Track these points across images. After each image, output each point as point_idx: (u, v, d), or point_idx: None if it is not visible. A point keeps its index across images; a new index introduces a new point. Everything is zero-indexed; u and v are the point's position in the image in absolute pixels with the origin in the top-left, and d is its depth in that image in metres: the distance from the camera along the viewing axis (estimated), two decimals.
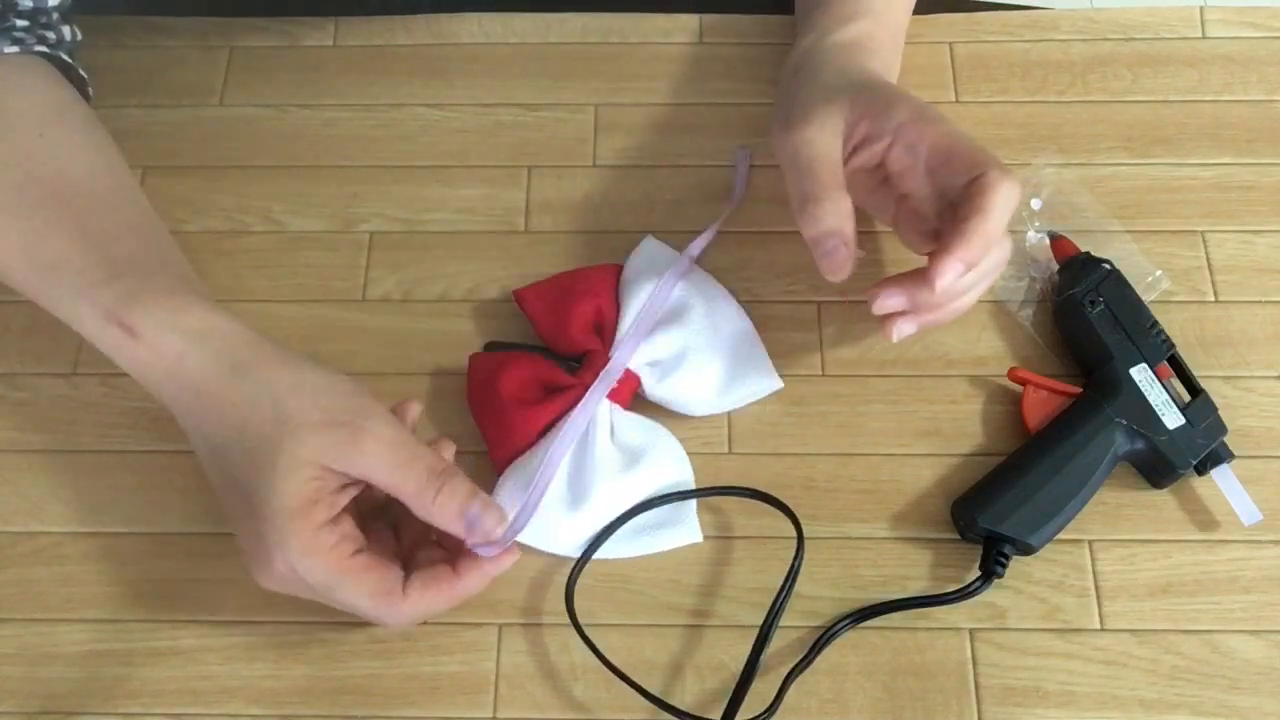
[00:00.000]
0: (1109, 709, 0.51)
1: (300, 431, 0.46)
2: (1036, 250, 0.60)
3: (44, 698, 0.52)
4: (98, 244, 0.52)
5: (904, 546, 0.55)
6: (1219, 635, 0.52)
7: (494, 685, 0.52)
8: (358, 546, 0.47)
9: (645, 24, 0.69)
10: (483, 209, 0.64)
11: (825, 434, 0.57)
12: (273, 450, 0.46)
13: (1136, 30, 0.68)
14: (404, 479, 0.47)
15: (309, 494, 0.46)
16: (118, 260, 0.51)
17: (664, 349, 0.57)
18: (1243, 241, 0.62)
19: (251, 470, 0.47)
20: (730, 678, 0.51)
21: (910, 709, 0.51)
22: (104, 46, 0.69)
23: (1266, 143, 0.64)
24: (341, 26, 0.70)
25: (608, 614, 0.53)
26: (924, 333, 0.59)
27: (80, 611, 0.54)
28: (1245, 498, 0.53)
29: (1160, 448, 0.54)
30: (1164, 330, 0.56)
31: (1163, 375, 0.55)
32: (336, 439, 0.46)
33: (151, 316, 0.49)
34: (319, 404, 0.47)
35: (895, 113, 0.53)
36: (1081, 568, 0.54)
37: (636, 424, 0.56)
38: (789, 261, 0.61)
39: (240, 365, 0.48)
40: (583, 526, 0.54)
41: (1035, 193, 0.62)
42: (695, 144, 0.65)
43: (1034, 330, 0.59)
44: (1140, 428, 0.54)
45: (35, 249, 0.52)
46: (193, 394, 0.49)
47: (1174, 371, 0.56)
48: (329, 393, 0.48)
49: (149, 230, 0.55)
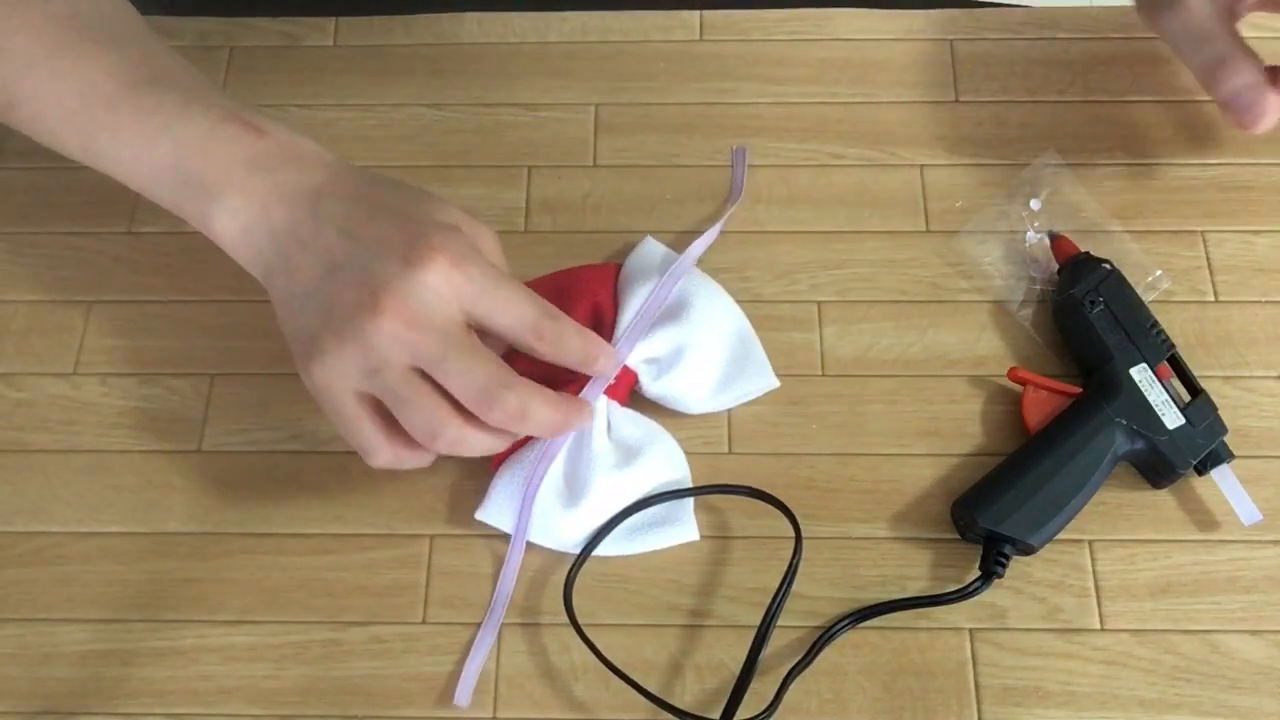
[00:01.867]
0: (1109, 709, 0.51)
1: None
2: (1036, 250, 0.60)
3: (44, 698, 0.52)
4: (187, 67, 0.53)
5: (904, 546, 0.55)
6: (1219, 635, 0.52)
7: (494, 685, 0.52)
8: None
9: (645, 22, 0.69)
10: (483, 209, 0.64)
11: (825, 434, 0.57)
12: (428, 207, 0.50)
13: (1137, 29, 0.68)
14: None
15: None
16: (210, 83, 0.53)
17: (662, 346, 0.57)
18: (1243, 241, 0.61)
19: (403, 201, 0.49)
20: (730, 677, 0.51)
21: (910, 709, 0.51)
22: None
23: (1266, 143, 0.64)
24: (341, 26, 0.70)
25: (607, 614, 0.53)
26: (924, 332, 0.59)
27: (80, 611, 0.54)
28: (1245, 498, 0.54)
29: (1160, 448, 0.54)
30: (1164, 330, 0.56)
31: (1163, 375, 0.55)
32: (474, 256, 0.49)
33: (272, 121, 0.51)
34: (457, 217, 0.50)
35: None
36: (1081, 568, 0.54)
37: (634, 420, 0.56)
38: (789, 261, 0.61)
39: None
40: (580, 522, 0.54)
41: (1035, 193, 0.62)
42: (695, 144, 0.65)
43: (1034, 330, 0.59)
44: (1140, 428, 0.54)
45: (133, 68, 0.51)
46: (327, 174, 0.50)
47: (1174, 372, 0.56)
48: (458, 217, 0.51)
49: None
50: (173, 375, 0.59)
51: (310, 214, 0.49)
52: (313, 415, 0.58)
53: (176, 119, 0.50)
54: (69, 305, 0.61)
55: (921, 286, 0.61)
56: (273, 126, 0.51)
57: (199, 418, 0.58)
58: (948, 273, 0.61)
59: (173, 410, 0.58)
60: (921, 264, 0.61)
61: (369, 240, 0.48)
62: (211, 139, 0.50)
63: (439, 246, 0.47)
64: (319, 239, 0.48)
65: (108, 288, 0.62)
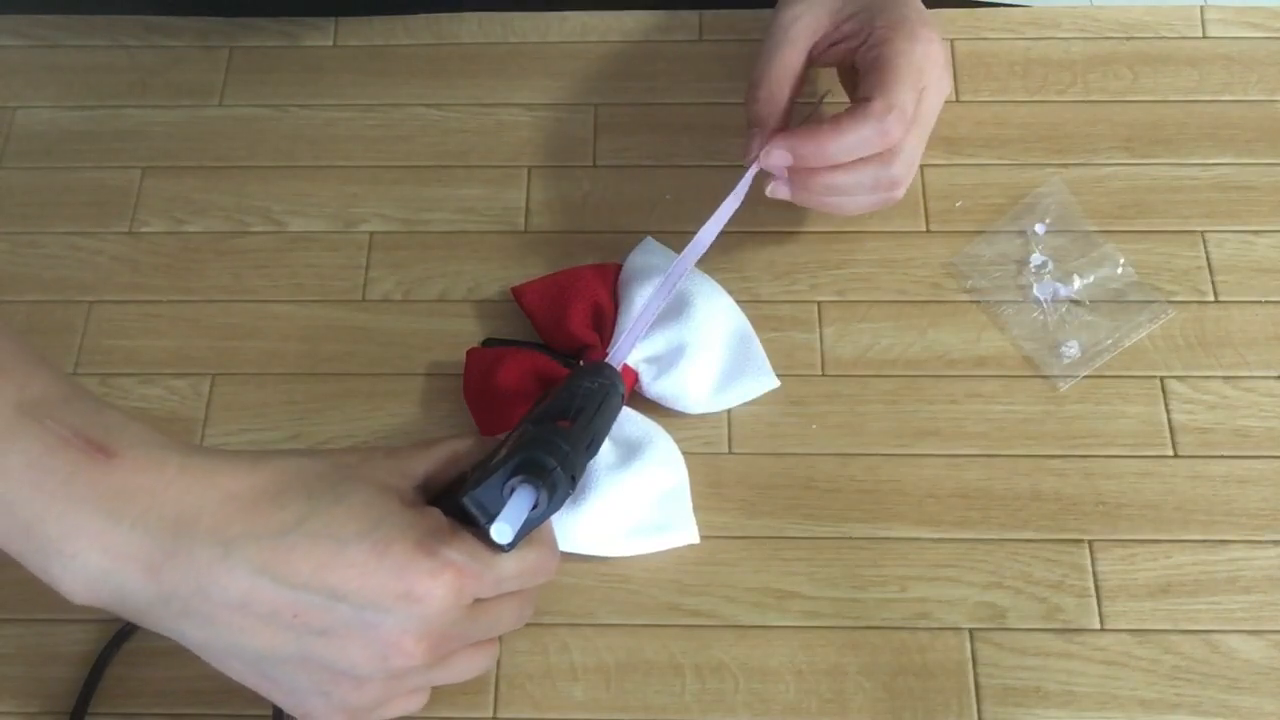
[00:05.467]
0: (1109, 709, 0.51)
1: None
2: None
3: (44, 698, 0.52)
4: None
5: (904, 546, 0.55)
6: (1219, 635, 0.52)
7: (494, 685, 0.52)
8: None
9: (645, 21, 0.69)
10: (483, 209, 0.64)
11: (825, 434, 0.57)
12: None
13: (1137, 29, 0.68)
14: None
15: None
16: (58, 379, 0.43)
17: (661, 345, 0.57)
18: (1243, 241, 0.61)
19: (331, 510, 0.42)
20: (730, 677, 0.51)
21: (910, 709, 0.51)
22: (104, 46, 0.69)
23: (1266, 143, 0.64)
24: (341, 26, 0.70)
25: (608, 614, 0.53)
26: (924, 332, 0.59)
27: (80, 611, 0.53)
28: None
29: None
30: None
31: None
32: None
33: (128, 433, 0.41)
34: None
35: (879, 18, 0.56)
36: (1081, 568, 0.54)
37: (633, 419, 0.56)
38: (789, 261, 0.61)
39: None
40: (580, 521, 0.54)
41: (1041, 217, 0.62)
42: (695, 144, 0.65)
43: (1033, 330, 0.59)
44: None
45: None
46: (222, 497, 0.41)
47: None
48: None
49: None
50: (173, 375, 0.59)
51: (222, 555, 0.40)
52: (313, 415, 0.58)
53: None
54: (69, 305, 0.61)
55: (921, 286, 0.61)
56: (128, 442, 0.41)
57: (199, 418, 0.58)
58: (948, 273, 0.61)
59: (173, 410, 0.58)
60: (921, 264, 0.61)
61: (348, 590, 0.41)
62: (40, 469, 0.39)
63: (435, 571, 0.41)
64: (260, 594, 0.40)
65: (108, 288, 0.62)
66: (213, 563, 0.40)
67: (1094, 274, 0.60)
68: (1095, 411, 0.57)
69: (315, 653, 0.41)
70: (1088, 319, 0.59)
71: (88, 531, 0.39)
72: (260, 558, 0.40)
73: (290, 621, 0.41)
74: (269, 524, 0.41)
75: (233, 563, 0.40)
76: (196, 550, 0.40)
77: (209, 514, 0.41)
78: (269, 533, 0.41)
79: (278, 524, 0.41)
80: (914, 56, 0.54)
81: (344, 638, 0.41)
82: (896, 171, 0.55)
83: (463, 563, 0.42)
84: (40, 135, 0.66)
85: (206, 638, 0.41)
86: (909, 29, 0.55)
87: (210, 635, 0.41)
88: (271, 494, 0.42)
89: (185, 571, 0.40)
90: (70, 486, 0.39)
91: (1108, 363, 0.58)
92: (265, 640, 0.41)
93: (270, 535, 0.41)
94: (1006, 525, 0.55)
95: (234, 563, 0.40)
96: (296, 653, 0.41)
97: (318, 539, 0.41)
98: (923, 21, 0.56)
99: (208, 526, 0.40)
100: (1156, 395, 0.57)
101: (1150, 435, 0.57)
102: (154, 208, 0.64)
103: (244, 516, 0.41)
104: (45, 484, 0.39)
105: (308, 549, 0.41)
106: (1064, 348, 0.58)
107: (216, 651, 0.42)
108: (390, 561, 0.41)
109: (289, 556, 0.40)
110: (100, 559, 0.40)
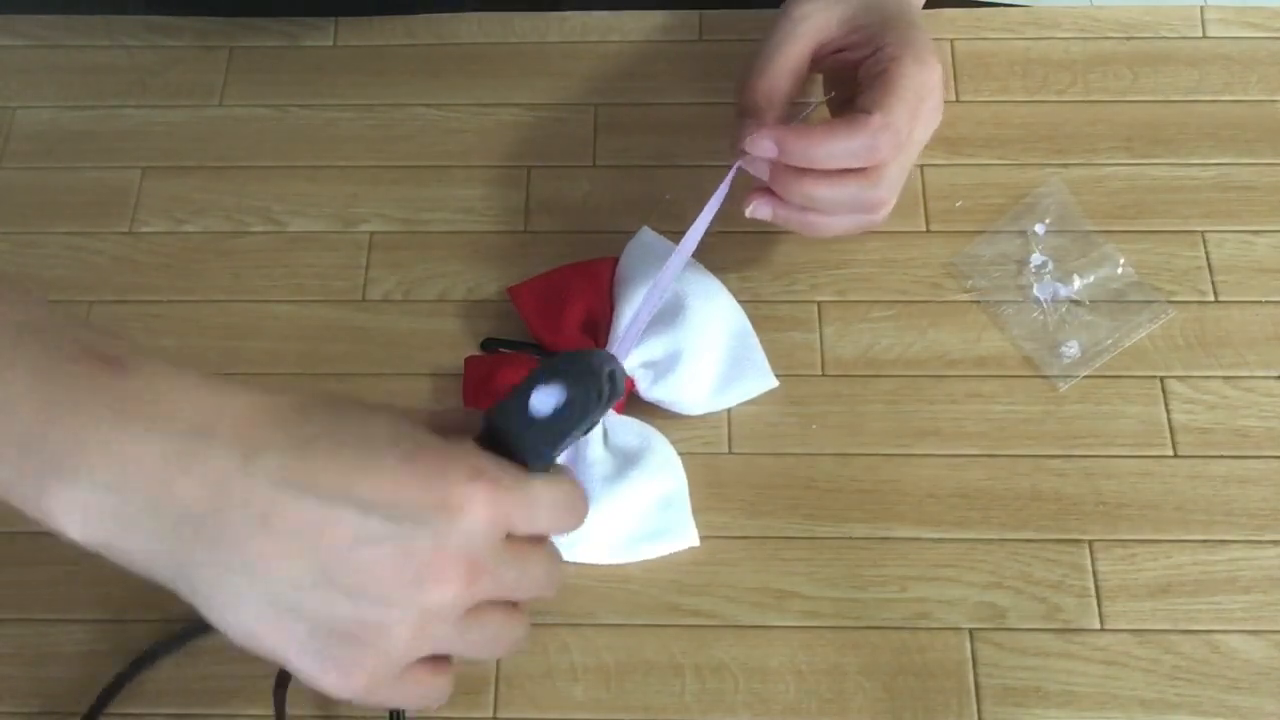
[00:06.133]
0: (1109, 709, 0.51)
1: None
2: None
3: (44, 698, 0.52)
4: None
5: (904, 546, 0.55)
6: (1219, 635, 0.52)
7: (494, 685, 0.52)
8: None
9: (645, 21, 0.69)
10: (483, 209, 0.64)
11: (825, 434, 0.57)
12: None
13: (1137, 29, 0.68)
14: None
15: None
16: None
17: (659, 349, 0.57)
18: (1243, 241, 0.61)
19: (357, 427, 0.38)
20: (730, 677, 0.51)
21: (910, 709, 0.51)
22: (104, 46, 0.69)
23: (1266, 143, 0.64)
24: (341, 26, 0.70)
25: (607, 614, 0.53)
26: (924, 332, 0.59)
27: (80, 611, 0.54)
28: None
29: None
30: None
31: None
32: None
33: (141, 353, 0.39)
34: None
35: (884, 35, 0.55)
36: (1081, 568, 0.54)
37: (630, 428, 0.56)
38: (789, 261, 0.61)
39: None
40: (579, 530, 0.54)
41: (1041, 217, 0.62)
42: (695, 144, 0.65)
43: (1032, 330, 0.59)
44: None
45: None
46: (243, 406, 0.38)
47: None
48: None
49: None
50: None
51: (241, 469, 0.37)
52: None
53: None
54: (69, 305, 0.61)
55: (922, 286, 0.61)
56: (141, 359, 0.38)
57: None
58: (948, 273, 0.61)
59: None
60: (922, 264, 0.61)
61: (378, 500, 0.37)
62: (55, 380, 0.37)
63: (471, 478, 0.38)
64: (282, 508, 0.37)
65: (108, 288, 0.62)
66: (231, 473, 0.37)
67: (1094, 274, 0.60)
68: (1095, 411, 0.57)
69: (340, 579, 0.37)
70: (1088, 319, 0.59)
71: (95, 439, 0.36)
72: (284, 468, 0.37)
73: (315, 541, 0.37)
74: (292, 434, 0.38)
75: (252, 470, 0.37)
76: (213, 458, 0.37)
77: (228, 422, 0.37)
78: (292, 443, 0.37)
79: (302, 435, 0.38)
80: (918, 82, 0.54)
81: (374, 559, 0.37)
82: (878, 194, 0.54)
83: (497, 474, 0.38)
84: (40, 135, 0.66)
85: (216, 575, 0.37)
86: (918, 53, 0.54)
87: (221, 571, 0.37)
88: (297, 407, 0.39)
89: (200, 483, 0.37)
90: (79, 393, 0.37)
91: (1108, 363, 0.58)
92: (286, 568, 0.37)
93: (294, 445, 0.37)
94: (1006, 525, 0.55)
95: (254, 470, 0.37)
96: (320, 580, 0.37)
97: (344, 446, 0.37)
98: (929, 49, 0.55)
99: (227, 433, 0.37)
100: (1156, 395, 0.57)
101: (1150, 435, 0.57)
102: (154, 208, 0.64)
103: (267, 425, 0.38)
104: (52, 393, 0.37)
105: (334, 455, 0.37)
106: (1064, 348, 0.58)
107: (226, 595, 0.38)
108: (423, 467, 0.37)
109: (314, 465, 0.37)
110: (105, 473, 0.36)
